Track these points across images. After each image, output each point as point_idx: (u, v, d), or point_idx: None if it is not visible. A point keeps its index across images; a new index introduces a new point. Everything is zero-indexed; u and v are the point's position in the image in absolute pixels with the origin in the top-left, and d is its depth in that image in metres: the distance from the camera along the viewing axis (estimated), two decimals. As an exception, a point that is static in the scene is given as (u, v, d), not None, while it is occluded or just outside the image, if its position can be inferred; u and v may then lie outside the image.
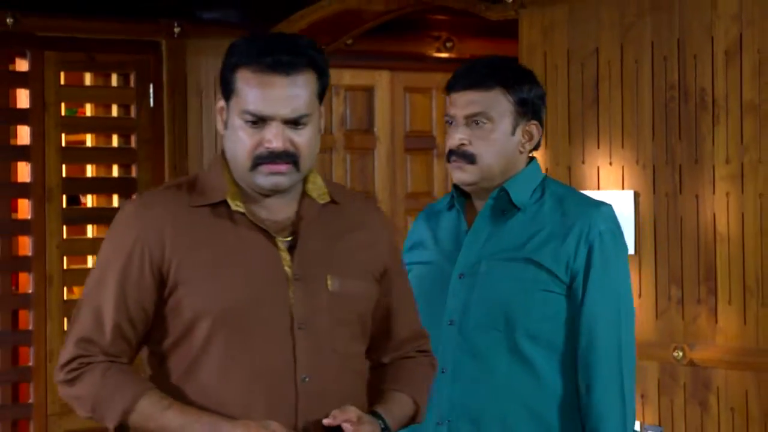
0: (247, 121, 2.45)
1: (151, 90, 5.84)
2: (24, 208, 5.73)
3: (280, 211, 2.53)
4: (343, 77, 6.70)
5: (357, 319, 2.57)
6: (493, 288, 2.97)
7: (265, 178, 2.46)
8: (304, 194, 2.56)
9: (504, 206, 3.03)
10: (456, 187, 3.09)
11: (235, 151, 2.48)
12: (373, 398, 2.59)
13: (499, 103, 2.99)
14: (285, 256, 2.50)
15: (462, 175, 2.99)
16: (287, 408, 2.45)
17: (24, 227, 5.59)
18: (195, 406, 2.44)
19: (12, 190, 5.62)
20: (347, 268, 2.56)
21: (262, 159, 2.45)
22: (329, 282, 2.52)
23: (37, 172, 5.56)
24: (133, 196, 2.63)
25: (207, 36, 5.91)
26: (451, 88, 3.04)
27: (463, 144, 2.98)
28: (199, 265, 2.46)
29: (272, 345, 2.46)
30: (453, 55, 6.71)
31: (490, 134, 2.98)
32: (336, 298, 2.52)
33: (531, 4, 5.06)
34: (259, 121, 2.44)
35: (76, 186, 5.87)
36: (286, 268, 2.49)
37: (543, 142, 4.96)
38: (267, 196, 2.51)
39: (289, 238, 2.52)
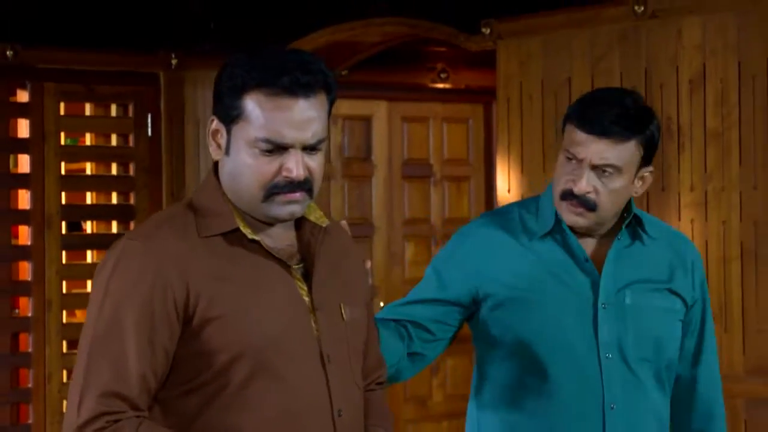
0: (261, 150, 2.23)
1: (150, 120, 5.94)
2: (24, 235, 5.85)
3: (282, 238, 2.35)
4: (340, 107, 6.75)
5: (362, 348, 2.46)
6: (644, 319, 2.91)
7: (280, 208, 2.27)
8: (301, 218, 2.38)
9: (628, 237, 2.98)
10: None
11: (243, 181, 2.27)
12: None
13: (630, 155, 2.82)
14: (301, 285, 2.33)
15: (579, 219, 2.86)
16: None
17: (24, 253, 5.72)
18: None
19: (12, 217, 5.73)
20: (352, 295, 2.43)
21: (279, 189, 2.25)
22: (343, 311, 2.38)
23: (37, 199, 5.68)
24: (120, 240, 2.32)
25: (204, 67, 5.97)
26: (581, 126, 2.81)
27: (588, 192, 2.83)
28: (228, 300, 2.24)
29: (307, 380, 2.29)
30: (448, 86, 6.83)
31: (614, 183, 2.82)
32: (350, 327, 2.39)
33: (508, 36, 5.15)
34: (276, 149, 2.23)
35: (76, 213, 5.98)
36: (305, 298, 2.32)
37: (519, 170, 5.11)
38: (269, 224, 2.33)
39: (300, 266, 2.35)
